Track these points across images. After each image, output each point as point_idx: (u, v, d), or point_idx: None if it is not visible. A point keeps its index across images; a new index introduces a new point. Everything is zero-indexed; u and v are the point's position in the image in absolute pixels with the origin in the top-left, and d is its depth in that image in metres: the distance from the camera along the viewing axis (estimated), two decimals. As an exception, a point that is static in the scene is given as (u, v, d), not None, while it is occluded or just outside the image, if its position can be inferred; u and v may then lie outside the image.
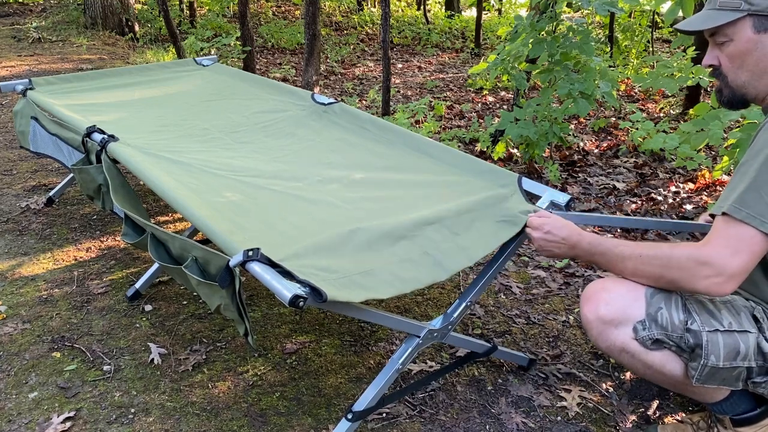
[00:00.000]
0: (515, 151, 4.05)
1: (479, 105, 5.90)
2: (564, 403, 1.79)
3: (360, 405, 1.55)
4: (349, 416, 1.54)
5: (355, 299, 1.28)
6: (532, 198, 1.78)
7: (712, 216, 1.32)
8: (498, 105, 5.89)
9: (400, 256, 1.48)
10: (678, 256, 1.28)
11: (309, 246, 1.47)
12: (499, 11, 12.68)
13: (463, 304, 1.65)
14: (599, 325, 1.46)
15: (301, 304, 1.18)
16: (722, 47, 1.38)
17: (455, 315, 1.64)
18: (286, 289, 1.19)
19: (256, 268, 1.27)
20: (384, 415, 1.72)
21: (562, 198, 1.70)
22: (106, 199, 2.05)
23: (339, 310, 1.36)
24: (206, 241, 2.17)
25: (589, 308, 1.46)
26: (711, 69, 1.44)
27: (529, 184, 1.80)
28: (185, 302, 2.24)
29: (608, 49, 6.81)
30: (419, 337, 1.59)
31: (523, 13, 4.96)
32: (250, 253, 1.28)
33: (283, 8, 11.47)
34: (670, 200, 3.34)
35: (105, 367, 1.89)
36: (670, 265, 1.30)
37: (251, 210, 1.67)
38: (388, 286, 1.38)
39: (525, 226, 1.60)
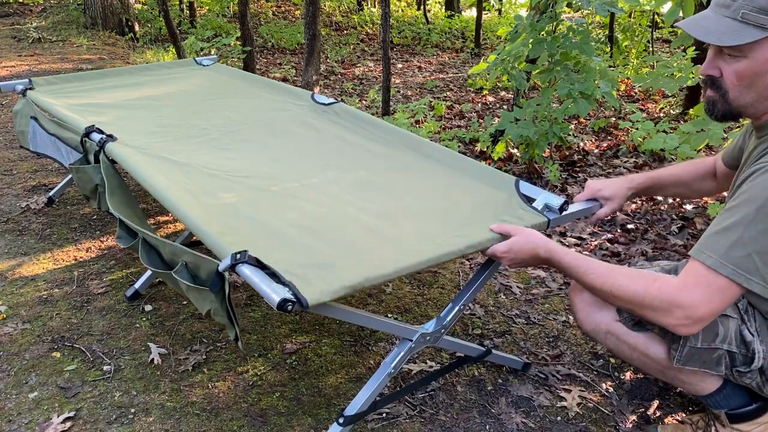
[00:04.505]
0: (515, 151, 4.05)
1: (479, 105, 5.90)
2: (564, 403, 1.79)
3: (351, 409, 1.55)
4: (341, 420, 1.54)
5: (340, 290, 1.26)
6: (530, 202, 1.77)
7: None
8: (498, 105, 5.89)
9: (390, 252, 1.47)
10: (653, 296, 1.26)
11: (302, 246, 1.47)
12: (499, 11, 12.68)
13: (457, 308, 1.64)
14: (584, 307, 1.53)
15: (290, 307, 1.18)
16: (729, 60, 1.27)
17: (448, 318, 1.64)
18: (274, 293, 1.19)
19: (246, 270, 1.26)
20: (384, 415, 1.72)
21: (556, 201, 1.70)
22: (102, 199, 2.04)
23: (330, 313, 1.35)
24: (200, 243, 2.17)
25: (575, 292, 1.54)
26: (707, 77, 1.33)
27: (525, 187, 1.80)
28: (185, 302, 2.24)
29: (608, 49, 6.81)
30: (411, 340, 1.59)
31: (523, 13, 4.97)
32: (238, 255, 1.27)
33: (283, 8, 11.47)
34: (670, 200, 3.34)
35: (105, 367, 1.89)
36: (643, 304, 1.29)
37: (246, 211, 1.67)
38: (371, 272, 1.35)
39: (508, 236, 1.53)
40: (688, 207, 3.23)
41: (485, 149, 4.10)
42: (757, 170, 1.24)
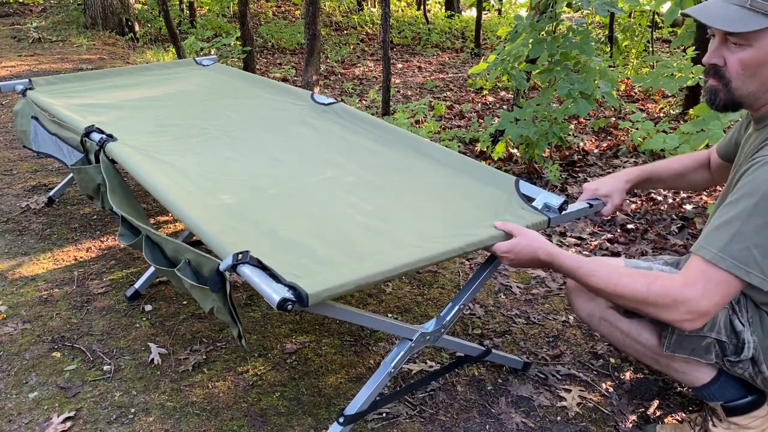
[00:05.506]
0: (515, 151, 4.05)
1: (479, 105, 5.90)
2: (564, 403, 1.79)
3: (351, 408, 1.55)
4: (341, 420, 1.54)
5: (340, 289, 1.27)
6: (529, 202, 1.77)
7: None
8: (498, 105, 5.89)
9: (390, 250, 1.47)
10: (656, 293, 1.27)
11: (302, 246, 1.47)
12: (499, 11, 12.67)
13: (456, 307, 1.64)
14: (579, 294, 1.59)
15: (289, 307, 1.18)
16: (734, 49, 1.26)
17: (448, 318, 1.64)
18: (274, 293, 1.19)
19: (246, 270, 1.27)
20: (384, 414, 1.72)
21: (556, 201, 1.70)
22: (105, 198, 2.05)
23: (330, 313, 1.35)
24: (200, 243, 2.17)
25: (571, 280, 1.55)
26: (710, 66, 1.32)
27: (525, 187, 1.80)
28: (185, 302, 2.24)
29: (608, 49, 6.80)
30: (411, 340, 1.59)
31: (523, 13, 4.97)
32: (240, 256, 1.28)
33: (283, 8, 11.47)
34: (670, 200, 3.34)
35: (105, 367, 1.89)
36: (647, 302, 1.29)
37: (246, 211, 1.67)
38: (371, 270, 1.34)
39: (504, 238, 1.53)
40: (688, 207, 3.23)
41: (485, 149, 4.10)
42: (755, 164, 1.25)
